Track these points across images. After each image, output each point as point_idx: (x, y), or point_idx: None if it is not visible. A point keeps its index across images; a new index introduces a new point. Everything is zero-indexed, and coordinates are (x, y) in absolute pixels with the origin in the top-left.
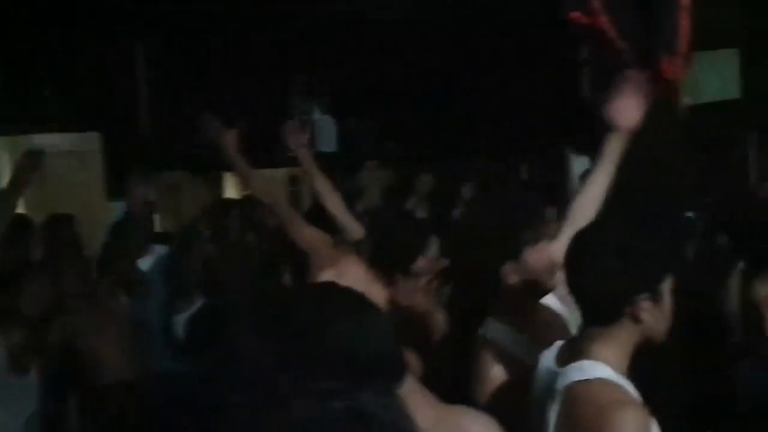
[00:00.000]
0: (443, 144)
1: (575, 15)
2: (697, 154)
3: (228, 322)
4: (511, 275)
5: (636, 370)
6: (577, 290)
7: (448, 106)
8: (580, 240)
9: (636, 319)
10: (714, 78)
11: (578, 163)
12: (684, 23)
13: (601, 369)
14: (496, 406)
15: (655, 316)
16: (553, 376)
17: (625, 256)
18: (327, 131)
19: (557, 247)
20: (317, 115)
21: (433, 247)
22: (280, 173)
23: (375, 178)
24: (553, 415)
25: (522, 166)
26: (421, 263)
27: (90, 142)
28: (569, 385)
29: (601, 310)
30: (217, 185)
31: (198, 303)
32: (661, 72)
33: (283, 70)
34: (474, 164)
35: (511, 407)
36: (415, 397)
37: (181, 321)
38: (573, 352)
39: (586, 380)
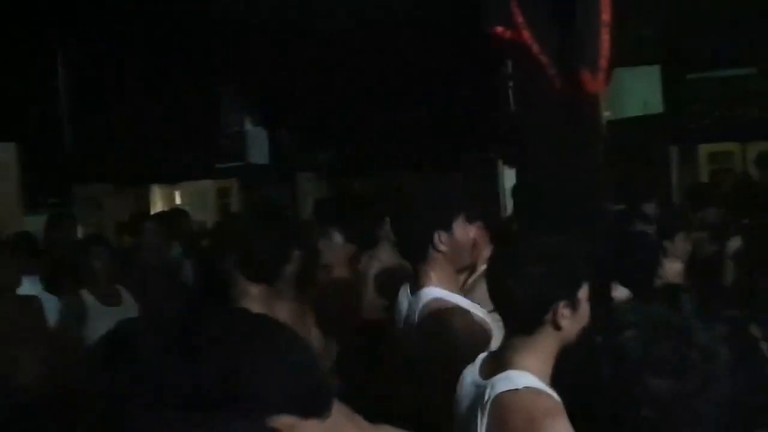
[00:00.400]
0: (376, 155)
1: (499, 29)
2: (622, 166)
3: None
4: (441, 245)
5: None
6: (501, 299)
7: (381, 118)
8: (501, 249)
9: (556, 326)
10: (637, 93)
11: (509, 175)
12: (605, 39)
13: (527, 378)
14: None
15: (573, 322)
16: (480, 389)
17: (545, 264)
18: (258, 142)
19: None
20: (248, 126)
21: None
22: (209, 185)
23: (308, 188)
24: (482, 427)
25: (455, 176)
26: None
27: (6, 152)
28: (498, 395)
29: (524, 318)
30: (142, 198)
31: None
32: (582, 86)
33: (212, 81)
34: (406, 175)
35: None
36: (339, 419)
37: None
38: (497, 363)
39: (515, 390)
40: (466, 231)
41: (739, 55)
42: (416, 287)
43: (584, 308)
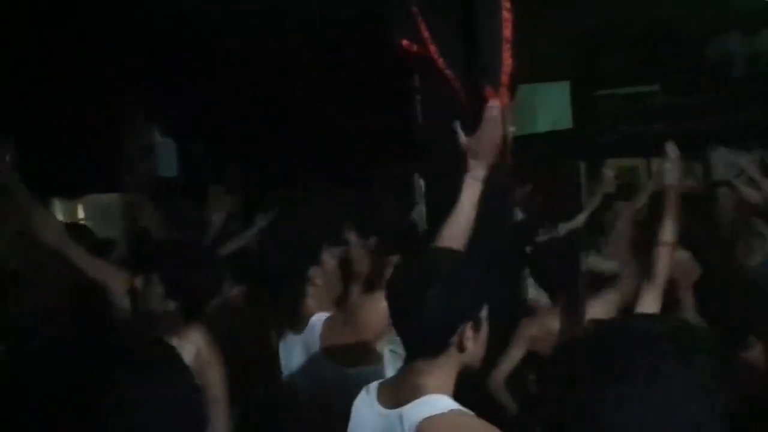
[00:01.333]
0: (289, 170)
1: (405, 43)
2: (534, 180)
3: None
4: (317, 278)
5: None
6: (404, 322)
7: (293, 132)
8: (403, 272)
9: (461, 348)
10: (547, 109)
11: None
12: (507, 55)
13: (447, 400)
14: None
15: (476, 343)
16: (390, 419)
17: (449, 285)
18: (167, 155)
19: None
20: (157, 139)
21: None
22: (115, 199)
23: (219, 203)
24: None
25: (372, 191)
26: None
27: None
28: (423, 422)
29: (430, 342)
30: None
31: None
32: (485, 102)
33: (119, 92)
34: (321, 190)
35: None
36: None
37: None
38: (403, 389)
39: (441, 414)
40: (334, 257)
41: (644, 72)
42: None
43: (485, 328)
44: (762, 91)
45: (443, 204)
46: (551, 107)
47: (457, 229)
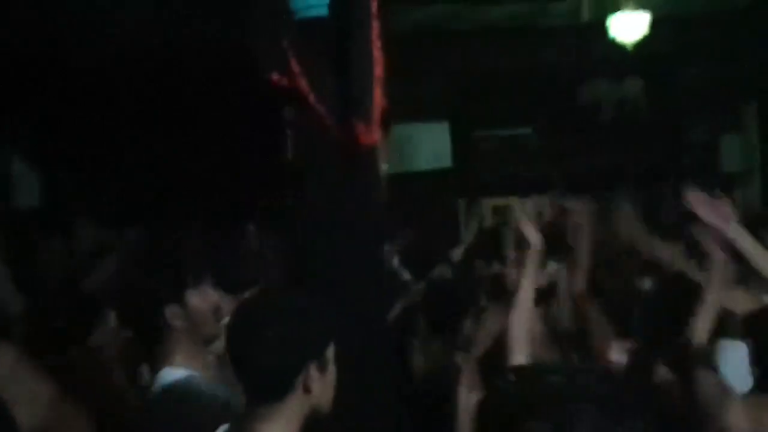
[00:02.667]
0: (156, 203)
1: (275, 77)
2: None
3: None
4: (176, 318)
5: None
6: (244, 366)
7: (161, 164)
8: (244, 312)
9: (307, 390)
10: (428, 147)
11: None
12: (377, 93)
13: None
14: None
15: (322, 384)
16: None
17: (290, 324)
18: (28, 185)
19: None
20: (16, 168)
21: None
22: None
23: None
24: None
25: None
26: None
27: None
28: None
29: (274, 384)
30: None
31: None
32: (356, 138)
33: None
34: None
35: None
36: None
37: None
38: None
39: None
40: (204, 298)
41: (519, 115)
42: (155, 368)
43: (332, 369)
44: (627, 135)
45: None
46: (432, 146)
47: None
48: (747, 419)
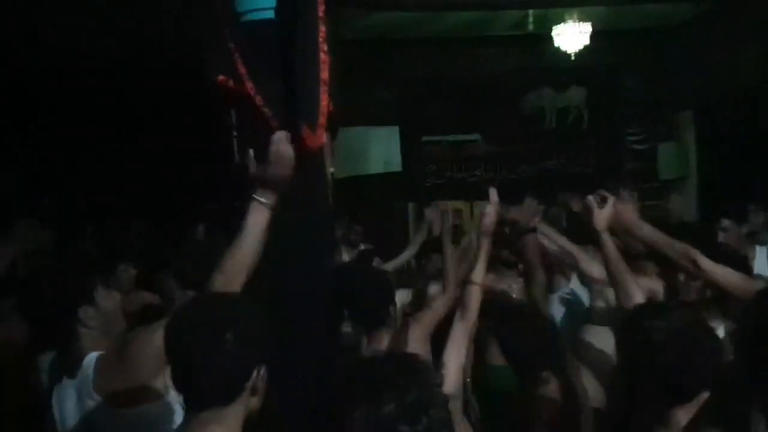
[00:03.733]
0: (102, 203)
1: (222, 79)
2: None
3: None
4: (90, 320)
5: None
6: (194, 373)
7: (107, 165)
8: (188, 319)
9: (254, 391)
10: (379, 152)
11: None
12: (324, 97)
13: None
14: None
15: (263, 384)
16: None
17: (243, 330)
18: None
19: None
20: None
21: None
22: None
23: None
24: None
25: (199, 228)
26: None
27: None
28: None
29: (225, 389)
30: None
31: None
32: (302, 142)
33: None
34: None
35: None
36: None
37: None
38: None
39: None
40: (111, 297)
41: (466, 121)
42: (74, 369)
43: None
44: (569, 143)
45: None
46: (382, 150)
47: (241, 258)
48: None
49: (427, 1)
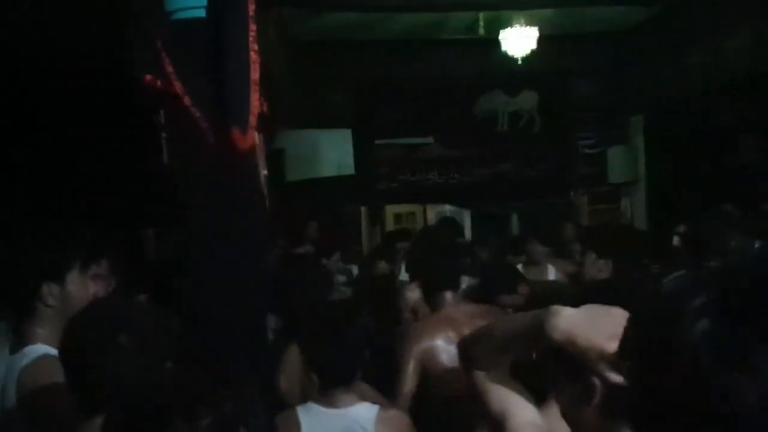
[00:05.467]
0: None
1: (149, 78)
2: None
3: None
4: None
5: None
6: (86, 378)
7: (29, 166)
8: (85, 323)
9: None
10: (331, 155)
11: None
12: (255, 97)
13: None
14: None
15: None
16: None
17: (142, 333)
18: None
19: None
20: None
21: None
22: None
23: None
24: None
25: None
26: None
27: None
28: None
29: (118, 395)
30: None
31: None
32: (233, 144)
33: None
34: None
35: None
36: None
37: None
38: None
39: None
40: (83, 284)
41: (419, 125)
42: (19, 346)
43: None
44: (522, 146)
45: (196, 245)
46: (335, 153)
47: None
48: None
49: (378, 2)
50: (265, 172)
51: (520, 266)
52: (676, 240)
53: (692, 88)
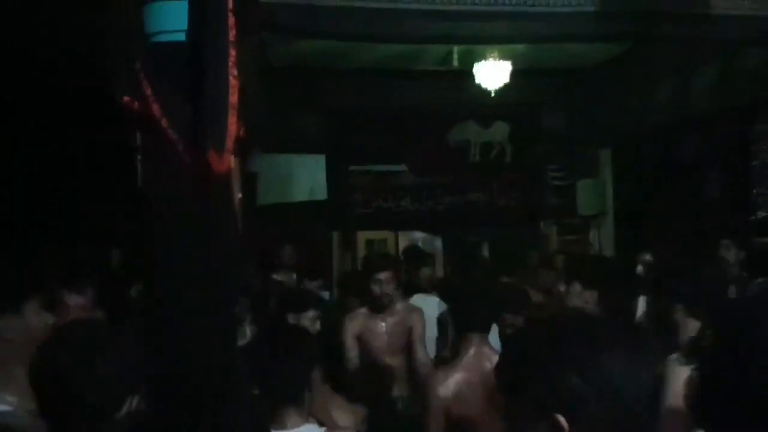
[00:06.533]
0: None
1: (127, 99)
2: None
3: None
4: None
5: None
6: (64, 396)
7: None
8: (59, 343)
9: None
10: (304, 180)
11: None
12: (232, 121)
13: None
14: None
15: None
16: None
17: (114, 356)
18: None
19: None
20: None
21: None
22: None
23: None
24: None
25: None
26: None
27: None
28: None
29: (92, 418)
30: None
31: None
32: (209, 166)
33: None
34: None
35: None
36: None
37: None
38: None
39: None
40: (42, 316)
41: (392, 152)
42: None
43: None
44: (493, 176)
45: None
46: (308, 178)
47: None
48: None
49: (355, 32)
50: (239, 195)
51: None
52: (639, 268)
53: (659, 124)
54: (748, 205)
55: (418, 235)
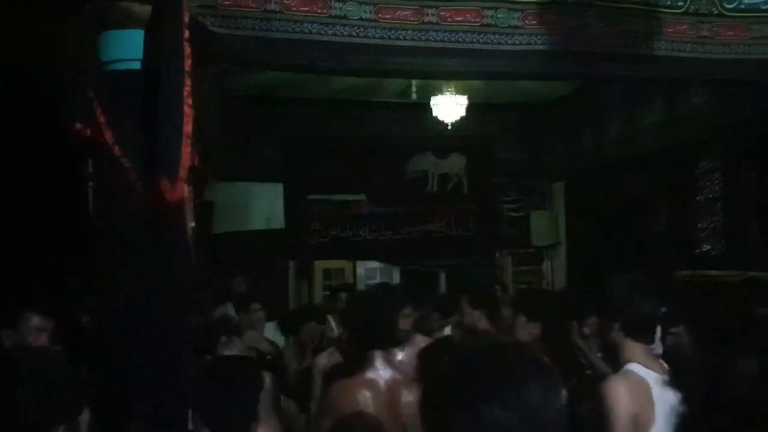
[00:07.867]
0: None
1: (80, 127)
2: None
3: None
4: None
5: None
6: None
7: None
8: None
9: None
10: (261, 208)
11: None
12: (186, 150)
13: None
14: None
15: None
16: None
17: (40, 385)
18: None
19: None
20: None
21: None
22: None
23: None
24: None
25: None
26: None
27: None
28: None
29: None
30: None
31: None
32: (162, 195)
33: None
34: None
35: None
36: None
37: None
38: None
39: None
40: (39, 337)
41: (350, 182)
42: None
43: None
44: (450, 207)
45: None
46: (265, 207)
47: None
48: None
49: (313, 64)
50: (192, 224)
51: (448, 328)
52: (587, 331)
53: (610, 158)
54: (693, 239)
55: (376, 265)
